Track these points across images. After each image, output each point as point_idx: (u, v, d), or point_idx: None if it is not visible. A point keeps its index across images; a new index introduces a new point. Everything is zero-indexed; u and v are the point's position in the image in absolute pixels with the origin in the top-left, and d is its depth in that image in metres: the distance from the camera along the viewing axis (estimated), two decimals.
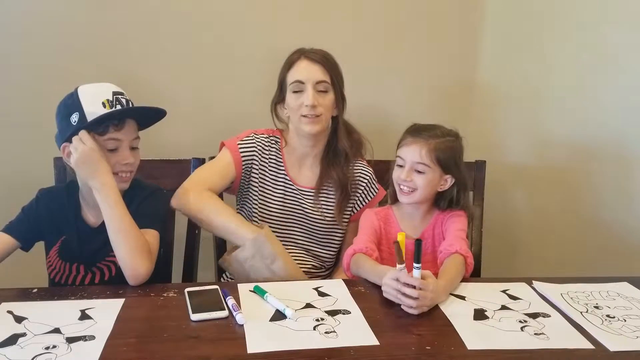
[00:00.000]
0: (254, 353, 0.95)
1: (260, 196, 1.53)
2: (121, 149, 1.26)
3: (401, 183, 1.39)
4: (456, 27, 2.05)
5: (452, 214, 1.43)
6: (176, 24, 1.84)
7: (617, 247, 1.65)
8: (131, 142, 1.28)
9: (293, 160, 1.57)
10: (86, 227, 1.29)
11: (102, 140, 1.23)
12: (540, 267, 1.92)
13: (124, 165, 1.26)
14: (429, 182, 1.38)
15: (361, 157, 1.62)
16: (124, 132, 1.25)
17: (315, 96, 1.45)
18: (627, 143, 1.62)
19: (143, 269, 1.19)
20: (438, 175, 1.39)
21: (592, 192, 1.74)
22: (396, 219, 1.46)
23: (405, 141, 1.40)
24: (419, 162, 1.36)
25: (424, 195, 1.39)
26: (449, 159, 1.38)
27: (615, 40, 1.63)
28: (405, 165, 1.38)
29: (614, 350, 1.00)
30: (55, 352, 0.93)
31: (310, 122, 1.47)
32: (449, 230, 1.40)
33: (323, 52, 1.50)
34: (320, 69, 1.46)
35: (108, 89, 1.24)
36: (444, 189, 1.41)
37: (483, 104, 2.10)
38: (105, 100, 1.21)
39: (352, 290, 1.21)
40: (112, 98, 1.22)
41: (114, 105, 1.22)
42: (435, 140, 1.37)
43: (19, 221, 1.30)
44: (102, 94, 1.22)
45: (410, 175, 1.37)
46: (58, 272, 1.30)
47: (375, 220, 1.45)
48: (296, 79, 1.46)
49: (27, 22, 1.75)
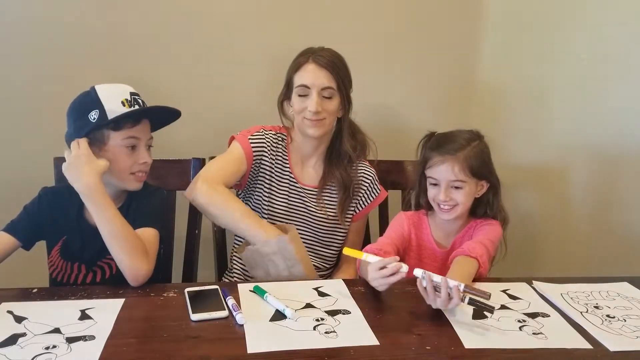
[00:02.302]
0: (254, 353, 0.95)
1: (267, 193, 1.53)
2: (139, 148, 1.28)
3: (440, 203, 1.36)
4: (457, 27, 2.05)
5: (484, 223, 1.40)
6: (177, 24, 1.84)
7: (617, 247, 1.65)
8: (147, 141, 1.30)
9: (297, 158, 1.57)
10: (89, 227, 1.29)
11: (120, 139, 1.24)
12: (540, 267, 1.92)
13: (141, 165, 1.28)
14: (468, 194, 1.35)
15: (364, 158, 1.62)
16: (142, 130, 1.27)
17: (319, 102, 1.44)
18: (628, 143, 1.62)
19: (142, 271, 1.19)
20: (474, 184, 1.36)
21: (592, 192, 1.74)
22: (429, 226, 1.44)
23: (433, 161, 1.35)
24: (455, 180, 1.33)
25: (465, 208, 1.37)
26: (481, 165, 1.35)
27: (615, 40, 1.63)
28: (441, 185, 1.35)
29: (614, 350, 1.00)
30: (55, 352, 0.93)
31: (314, 126, 1.47)
32: (476, 236, 1.38)
33: (331, 56, 1.48)
34: (327, 75, 1.45)
35: (126, 89, 1.26)
36: (480, 194, 1.39)
37: (484, 104, 2.10)
38: (124, 100, 1.23)
39: (352, 290, 1.21)
40: (130, 98, 1.25)
41: (132, 104, 1.24)
42: (464, 152, 1.33)
43: (21, 220, 1.30)
44: (120, 94, 1.24)
45: (449, 194, 1.34)
46: (60, 271, 1.30)
47: (406, 225, 1.43)
48: (302, 83, 1.46)
49: (28, 22, 1.75)
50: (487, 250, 1.32)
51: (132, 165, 1.27)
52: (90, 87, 1.26)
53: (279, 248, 1.32)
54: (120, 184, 1.29)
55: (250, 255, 1.35)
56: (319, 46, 1.51)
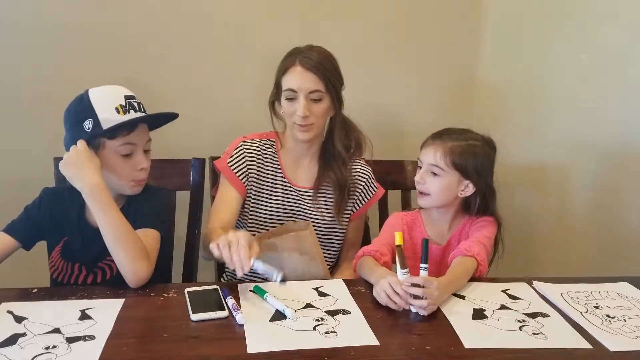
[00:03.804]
0: (254, 353, 0.95)
1: (257, 199, 1.52)
2: (135, 154, 1.25)
3: (416, 184, 1.38)
4: (457, 27, 2.05)
5: (479, 220, 1.40)
6: (177, 24, 1.84)
7: (617, 247, 1.65)
8: (145, 145, 1.27)
9: (290, 161, 1.56)
10: (90, 228, 1.28)
11: (116, 146, 1.22)
12: (540, 267, 1.92)
13: (140, 172, 1.26)
14: (445, 187, 1.34)
15: (360, 157, 1.61)
16: (138, 135, 1.24)
17: (307, 106, 1.42)
18: (628, 143, 1.62)
19: (143, 274, 1.18)
20: (456, 180, 1.34)
21: (592, 192, 1.74)
22: (423, 224, 1.44)
23: (426, 143, 1.38)
24: (433, 164, 1.34)
25: (439, 200, 1.36)
26: (468, 164, 1.33)
27: (615, 40, 1.63)
28: (422, 167, 1.37)
29: (614, 350, 1.00)
30: (55, 352, 0.93)
31: (303, 131, 1.46)
32: (472, 235, 1.37)
33: (318, 56, 1.44)
34: (314, 78, 1.42)
35: (120, 92, 1.23)
36: (465, 194, 1.37)
37: (484, 104, 2.11)
38: (118, 106, 1.20)
39: (352, 290, 1.21)
40: (125, 103, 1.21)
41: (127, 110, 1.21)
42: (454, 144, 1.33)
43: (21, 220, 1.29)
44: (114, 99, 1.21)
45: (425, 177, 1.35)
46: (60, 272, 1.29)
47: (399, 225, 1.44)
48: (289, 87, 1.43)
49: (28, 22, 1.75)
50: (485, 248, 1.32)
51: (131, 172, 1.25)
52: (85, 90, 1.23)
53: (295, 241, 1.31)
54: (119, 189, 1.28)
55: (270, 248, 1.32)
56: (306, 45, 1.47)
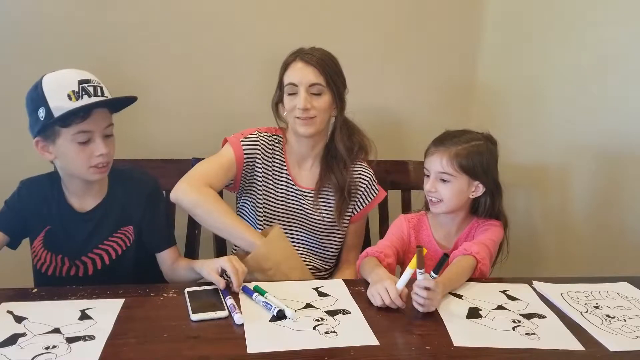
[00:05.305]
0: (254, 353, 0.95)
1: (265, 195, 1.53)
2: (94, 140, 1.19)
3: (427, 194, 1.37)
4: (457, 27, 2.05)
5: (486, 223, 1.40)
6: (176, 24, 1.84)
7: (617, 247, 1.65)
8: (103, 130, 1.21)
9: (294, 160, 1.56)
10: (72, 212, 1.26)
11: (71, 134, 1.16)
12: (540, 267, 1.92)
13: (98, 157, 1.19)
14: (456, 191, 1.34)
15: (363, 159, 1.61)
16: (94, 122, 1.17)
17: (307, 99, 1.43)
18: (628, 143, 1.62)
19: None
20: (466, 182, 1.34)
21: (592, 192, 1.74)
22: (429, 226, 1.44)
23: (429, 151, 1.38)
24: (442, 172, 1.33)
25: (452, 205, 1.36)
26: (475, 165, 1.33)
27: (615, 40, 1.63)
28: (430, 176, 1.36)
29: (614, 350, 1.00)
30: (55, 352, 0.93)
31: (304, 124, 1.46)
32: (477, 237, 1.37)
33: (320, 54, 1.47)
34: (314, 72, 1.44)
35: (73, 78, 1.16)
36: (476, 195, 1.37)
37: (483, 104, 2.10)
38: (70, 92, 1.14)
39: (352, 290, 1.21)
40: (78, 88, 1.14)
41: (80, 96, 1.14)
42: (457, 147, 1.33)
43: (3, 213, 1.27)
44: (66, 86, 1.15)
45: (435, 185, 1.35)
46: (44, 262, 1.28)
47: (405, 228, 1.43)
48: (290, 82, 1.45)
49: (28, 22, 1.75)
50: (487, 249, 1.32)
51: (89, 159, 1.19)
52: (41, 76, 1.18)
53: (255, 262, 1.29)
54: (82, 176, 1.23)
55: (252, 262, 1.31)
56: (310, 46, 1.50)
